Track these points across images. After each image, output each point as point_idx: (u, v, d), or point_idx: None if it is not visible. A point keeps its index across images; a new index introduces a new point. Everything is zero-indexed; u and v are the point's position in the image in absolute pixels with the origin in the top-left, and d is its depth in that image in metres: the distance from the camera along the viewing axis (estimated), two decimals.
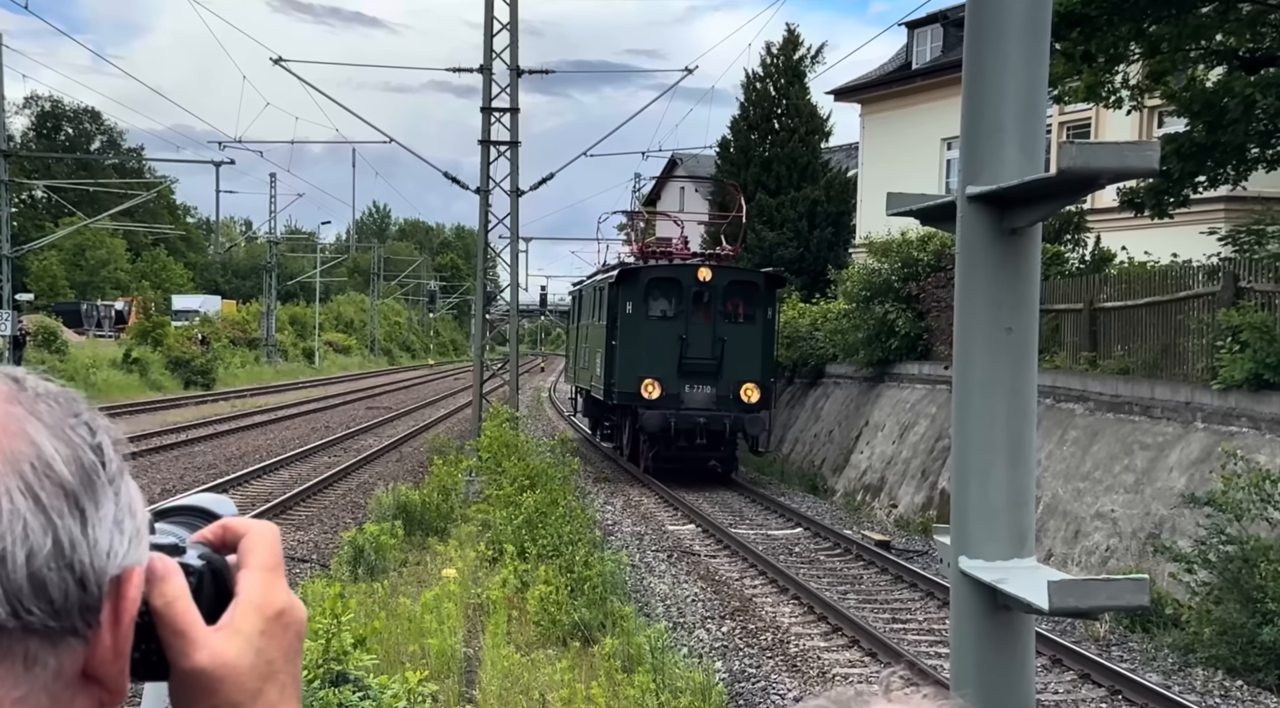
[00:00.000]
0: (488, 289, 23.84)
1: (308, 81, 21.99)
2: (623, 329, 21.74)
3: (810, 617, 11.71)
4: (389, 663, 7.70)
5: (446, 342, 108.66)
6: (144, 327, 44.89)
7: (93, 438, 0.76)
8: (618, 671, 8.16)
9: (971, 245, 2.08)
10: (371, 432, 29.66)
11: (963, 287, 2.11)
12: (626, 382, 21.48)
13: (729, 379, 21.24)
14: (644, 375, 21.17)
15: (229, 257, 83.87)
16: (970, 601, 1.96)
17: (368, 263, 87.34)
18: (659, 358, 21.18)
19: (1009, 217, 2.01)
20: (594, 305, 25.05)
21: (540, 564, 10.78)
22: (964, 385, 2.10)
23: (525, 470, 14.85)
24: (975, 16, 1.95)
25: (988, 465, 2.06)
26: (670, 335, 21.37)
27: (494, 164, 21.52)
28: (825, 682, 9.64)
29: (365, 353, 78.66)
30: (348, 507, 17.75)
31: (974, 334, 2.09)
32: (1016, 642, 1.95)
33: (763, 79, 37.03)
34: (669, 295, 22.01)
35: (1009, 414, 2.07)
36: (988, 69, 1.95)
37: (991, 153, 1.97)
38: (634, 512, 18.58)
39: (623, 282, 21.99)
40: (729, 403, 21.18)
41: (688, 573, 14.03)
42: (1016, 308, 2.06)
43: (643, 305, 21.80)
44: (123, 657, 0.76)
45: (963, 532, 2.05)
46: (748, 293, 22.09)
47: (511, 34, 21.27)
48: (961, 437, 2.11)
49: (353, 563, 11.47)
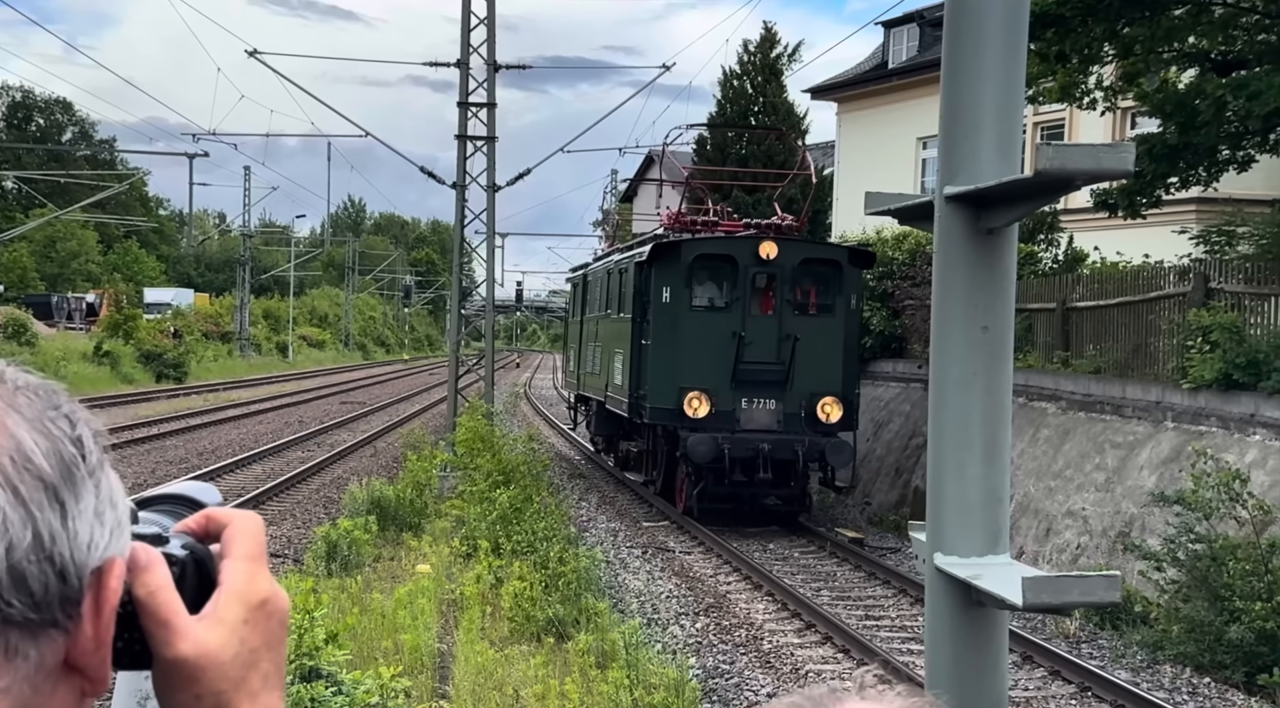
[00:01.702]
0: (463, 284, 23.77)
1: (283, 74, 21.86)
2: (657, 324, 16.56)
3: (784, 613, 11.75)
4: (362, 659, 7.67)
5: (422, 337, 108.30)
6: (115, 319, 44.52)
7: (72, 431, 0.77)
8: (592, 667, 8.17)
9: (949, 245, 2.10)
10: (345, 427, 29.53)
11: (940, 285, 2.13)
12: (663, 394, 16.34)
13: (801, 391, 16.09)
14: (688, 387, 15.95)
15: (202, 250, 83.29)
16: (945, 597, 1.98)
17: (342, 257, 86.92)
18: (707, 363, 16.02)
19: (986, 216, 2.03)
20: (610, 293, 19.71)
21: (514, 560, 10.77)
22: (940, 383, 2.12)
23: (500, 466, 14.83)
24: (954, 18, 1.96)
25: (963, 463, 2.08)
26: (722, 332, 16.14)
27: (471, 159, 21.46)
28: (798, 678, 9.68)
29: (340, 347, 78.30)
30: (321, 502, 17.67)
31: (950, 332, 2.11)
32: (990, 637, 1.97)
33: (740, 76, 37.11)
34: (720, 278, 16.75)
35: (984, 412, 2.09)
36: (965, 70, 1.97)
37: (969, 153, 1.99)
38: (610, 509, 18.59)
39: (658, 260, 16.65)
40: (800, 423, 16.05)
41: (662, 569, 14.05)
42: (992, 307, 2.08)
43: (685, 291, 16.51)
44: (104, 647, 0.77)
45: (938, 528, 2.07)
46: (825, 275, 16.76)
47: (489, 29, 21.21)
48: (937, 434, 2.12)
49: (326, 558, 11.43)
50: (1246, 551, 10.67)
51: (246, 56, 21.76)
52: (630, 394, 17.40)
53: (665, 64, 22.79)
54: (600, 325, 20.86)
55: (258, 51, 21.72)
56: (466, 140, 21.40)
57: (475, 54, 21.24)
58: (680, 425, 16.12)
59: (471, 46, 21.19)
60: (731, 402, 16.06)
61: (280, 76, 21.91)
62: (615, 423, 20.24)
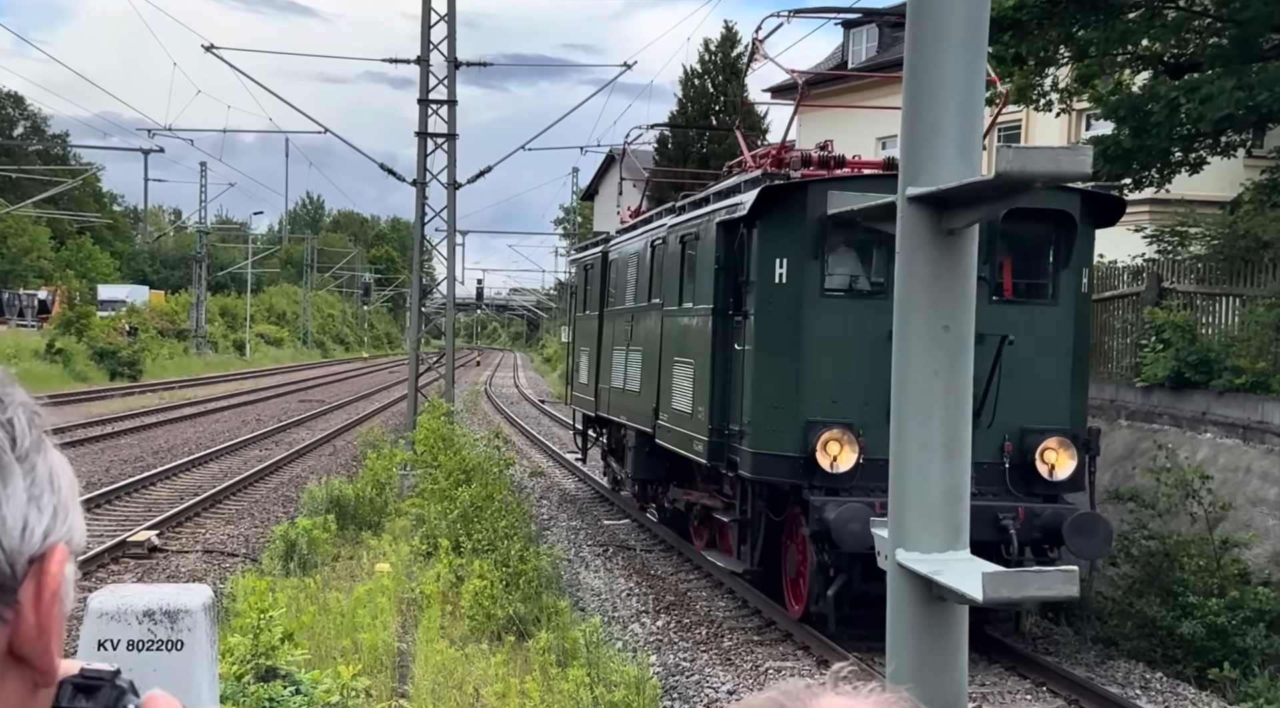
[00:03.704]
0: (424, 282, 23.65)
1: (240, 69, 21.65)
2: (766, 320, 10.61)
3: (744, 611, 11.80)
4: (321, 658, 7.63)
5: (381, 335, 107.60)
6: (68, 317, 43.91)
7: (2, 413, 0.75)
8: (552, 664, 8.17)
9: (911, 245, 2.12)
10: (304, 425, 29.29)
11: (902, 285, 2.15)
12: (775, 432, 10.44)
13: (1006, 426, 10.15)
14: (820, 421, 10.14)
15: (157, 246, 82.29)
16: (907, 591, 2.01)
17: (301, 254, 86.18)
18: (851, 383, 10.18)
19: (947, 217, 2.05)
20: (664, 274, 13.41)
21: (475, 559, 10.74)
22: (902, 382, 2.15)
23: (461, 464, 14.78)
24: (915, 22, 1.99)
25: (924, 460, 2.11)
26: (873, 333, 9.67)
27: (431, 156, 21.35)
28: (759, 675, 9.72)
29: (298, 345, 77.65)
30: (279, 501, 17.53)
31: (913, 332, 2.14)
32: (950, 631, 2.00)
33: (700, 76, 37.22)
34: (871, 245, 10.56)
35: (945, 410, 2.12)
36: (927, 74, 1.99)
37: (930, 155, 2.02)
38: (571, 507, 18.58)
39: (766, 214, 10.56)
40: (1007, 478, 10.21)
41: (623, 568, 14.06)
42: (953, 306, 2.11)
43: (814, 267, 10.43)
44: (47, 635, 0.75)
45: (900, 525, 2.10)
46: (1042, 239, 10.80)
47: (449, 26, 21.11)
48: (900, 432, 2.15)
49: (284, 557, 11.34)
50: (1199, 547, 10.84)
51: (203, 51, 21.52)
52: (711, 429, 11.13)
53: (626, 63, 22.80)
54: (640, 322, 14.45)
55: (215, 46, 21.49)
56: (427, 137, 21.29)
57: (435, 51, 21.14)
58: (807, 483, 10.02)
59: (432, 43, 21.08)
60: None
61: (237, 72, 21.71)
62: (670, 466, 13.82)
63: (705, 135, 36.31)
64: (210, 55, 21.47)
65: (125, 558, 13.07)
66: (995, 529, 9.59)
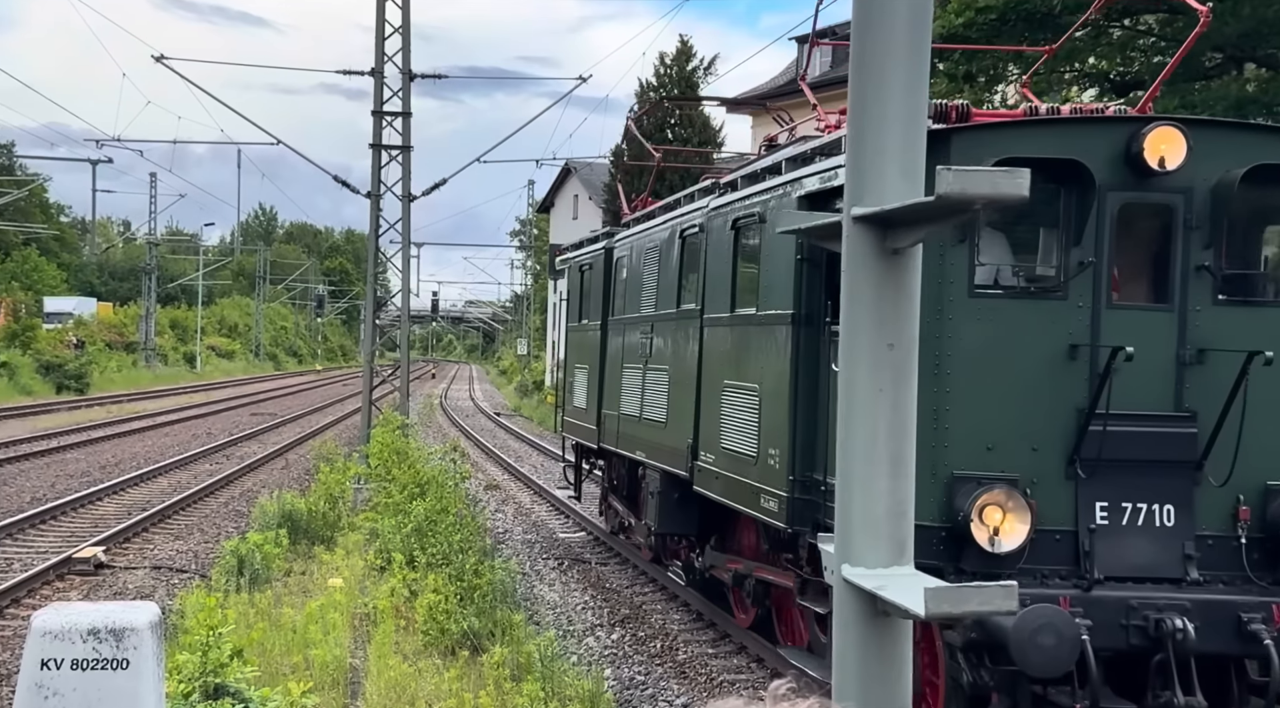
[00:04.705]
0: (378, 294, 23.52)
1: (191, 80, 21.47)
2: None
3: (699, 624, 11.82)
4: (271, 675, 7.55)
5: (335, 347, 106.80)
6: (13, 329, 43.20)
7: None
8: (506, 679, 8.14)
9: (856, 263, 2.16)
10: (256, 438, 29.00)
11: (848, 303, 2.19)
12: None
13: (1245, 483, 7.04)
14: (971, 475, 6.90)
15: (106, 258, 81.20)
16: (852, 606, 2.04)
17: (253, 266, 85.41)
18: (1014, 420, 7.06)
19: (891, 237, 2.09)
20: (702, 268, 10.38)
21: (429, 573, 10.68)
22: (848, 399, 2.18)
23: (415, 478, 14.70)
24: (859, 50, 2.04)
25: (870, 476, 2.14)
26: (1044, 345, 7.07)
27: (385, 168, 21.27)
28: (713, 687, 9.75)
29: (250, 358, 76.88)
30: (230, 515, 17.33)
31: (858, 349, 2.17)
32: (894, 646, 2.03)
33: (656, 89, 37.37)
34: (1041, 221, 7.45)
35: (890, 427, 2.15)
36: (870, 99, 2.04)
37: (875, 177, 2.06)
38: (526, 521, 18.52)
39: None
40: (1249, 558, 7.03)
41: (579, 581, 14.04)
42: (898, 324, 2.15)
43: (958, 253, 7.05)
44: None
45: (846, 540, 2.13)
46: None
47: (404, 37, 21.07)
48: (846, 449, 2.18)
49: (235, 573, 11.21)
50: None
51: (153, 62, 21.32)
52: (792, 482, 8.08)
53: (582, 75, 22.85)
54: (665, 334, 11.49)
55: (165, 57, 21.29)
56: (381, 149, 21.21)
57: (390, 62, 21.08)
58: (952, 567, 6.92)
59: (386, 55, 21.02)
60: (1071, 508, 6.98)
61: (188, 82, 21.52)
62: (706, 516, 10.92)
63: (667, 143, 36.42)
64: (160, 66, 21.27)
65: (70, 575, 12.87)
66: (1236, 636, 6.58)
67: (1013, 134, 7.36)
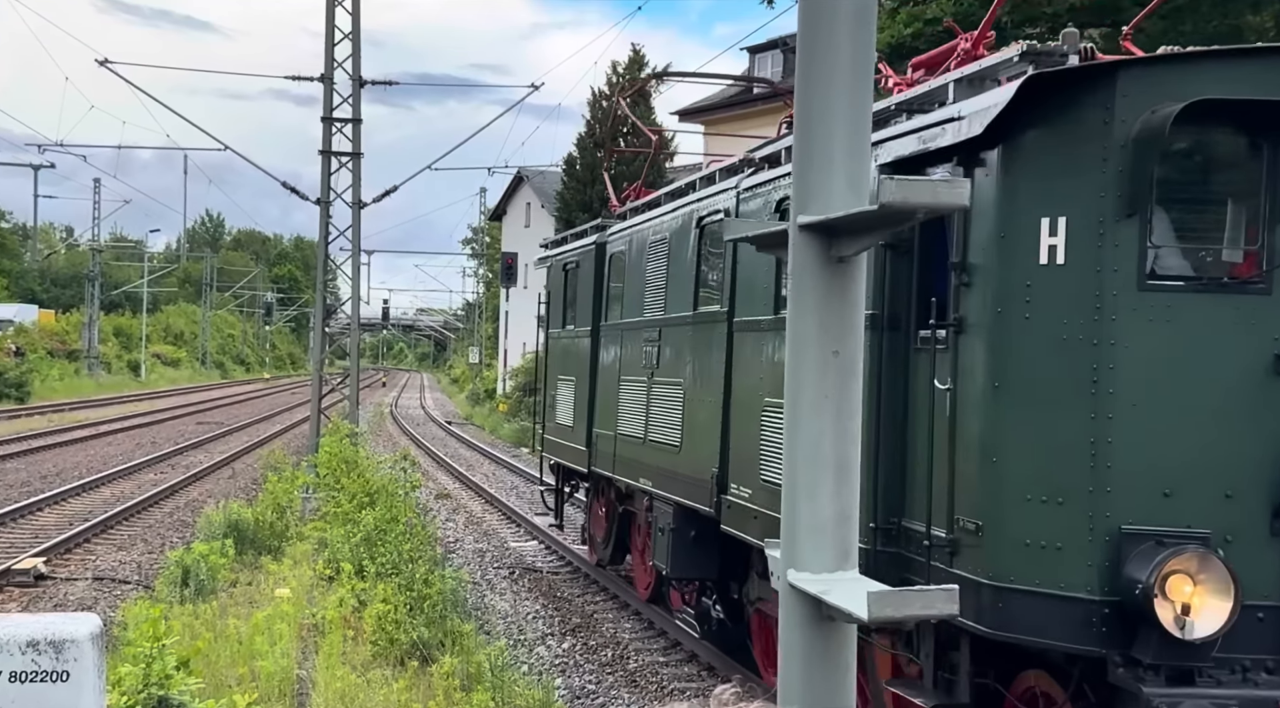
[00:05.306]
0: (327, 302, 23.32)
1: (136, 85, 21.20)
2: (1006, 338, 5.53)
3: (650, 632, 11.82)
4: (217, 687, 7.45)
5: (284, 355, 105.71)
6: None
7: None
8: (456, 689, 8.09)
9: (802, 271, 2.18)
10: (202, 448, 28.62)
11: (793, 311, 2.20)
12: (1047, 555, 5.32)
13: None
14: (1145, 531, 5.15)
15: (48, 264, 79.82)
16: (798, 612, 2.06)
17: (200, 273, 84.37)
18: (1201, 456, 5.25)
19: (836, 245, 2.12)
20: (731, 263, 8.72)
21: (379, 582, 10.60)
22: (794, 406, 2.20)
23: (365, 487, 14.58)
24: (805, 63, 2.06)
25: (815, 482, 2.16)
26: (1241, 359, 5.26)
27: (335, 175, 21.12)
28: (664, 696, 9.75)
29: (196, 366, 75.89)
30: (175, 526, 17.09)
31: (804, 356, 2.19)
32: (839, 651, 2.05)
33: (608, 97, 37.42)
34: (1228, 189, 5.53)
35: (835, 433, 2.17)
36: (817, 111, 2.06)
37: (821, 185, 2.08)
38: (477, 529, 18.43)
39: (1025, 125, 5.39)
40: None
41: (530, 590, 14.00)
42: (843, 332, 2.17)
43: (1126, 232, 5.24)
44: None
45: (792, 546, 2.14)
46: None
47: (354, 43, 20.94)
48: (791, 455, 2.20)
49: (179, 584, 11.06)
50: None
51: (97, 66, 21.02)
52: (873, 530, 6.26)
53: (534, 83, 22.90)
54: (678, 342, 9.95)
55: (109, 61, 20.99)
56: (331, 156, 21.05)
57: (340, 69, 20.94)
58: (1120, 657, 5.15)
59: (336, 61, 20.88)
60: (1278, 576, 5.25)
61: (133, 87, 21.26)
62: (728, 559, 9.45)
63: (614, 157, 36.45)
64: (104, 70, 20.98)
65: (10, 586, 12.63)
66: None
67: (1201, 69, 5.38)
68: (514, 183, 54.29)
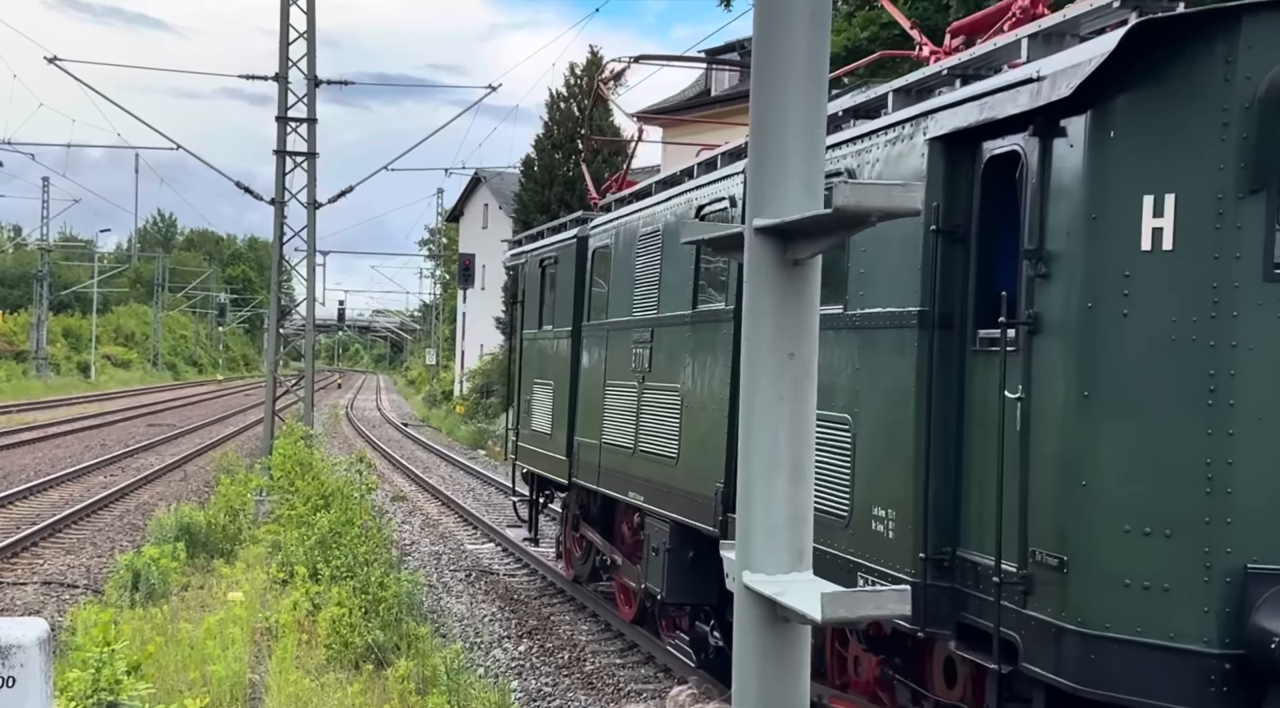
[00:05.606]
0: (282, 303, 23.10)
1: (86, 82, 20.91)
2: (1092, 337, 4.74)
3: (607, 634, 11.81)
4: (167, 692, 7.36)
5: (237, 356, 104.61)
6: None
7: None
8: (412, 693, 8.04)
9: (758, 274, 2.19)
10: (153, 450, 28.25)
11: (749, 313, 2.22)
12: (1152, 597, 4.55)
13: None
14: (1275, 572, 4.43)
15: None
16: (753, 613, 2.07)
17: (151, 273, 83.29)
18: None
19: (792, 248, 2.13)
20: None
21: (333, 585, 10.51)
22: (750, 407, 2.21)
23: (320, 489, 14.46)
24: (760, 67, 2.08)
25: (771, 483, 2.17)
26: None
27: (290, 175, 20.93)
28: (621, 698, 9.75)
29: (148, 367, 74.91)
30: (125, 529, 16.85)
31: (759, 358, 2.20)
32: (794, 652, 2.07)
33: (566, 99, 37.40)
34: None
35: (791, 434, 2.18)
36: (772, 116, 2.08)
37: (776, 189, 2.10)
38: (432, 531, 18.33)
39: (1127, 82, 4.61)
40: None
41: (486, 593, 13.94)
42: (798, 334, 2.18)
43: (1250, 212, 4.53)
44: None
45: (747, 547, 2.15)
46: None
47: (309, 43, 20.77)
48: (747, 457, 2.21)
49: (130, 588, 10.91)
50: None
51: (46, 63, 20.69)
52: (924, 561, 5.49)
53: (491, 84, 22.79)
54: (675, 343, 9.19)
55: (58, 58, 20.68)
56: (286, 155, 20.86)
57: (295, 68, 20.76)
58: None
59: (291, 60, 20.70)
60: None
61: (83, 84, 20.96)
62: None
63: (571, 158, 36.44)
64: (54, 67, 20.66)
65: None
66: None
67: None
68: (471, 184, 54.08)
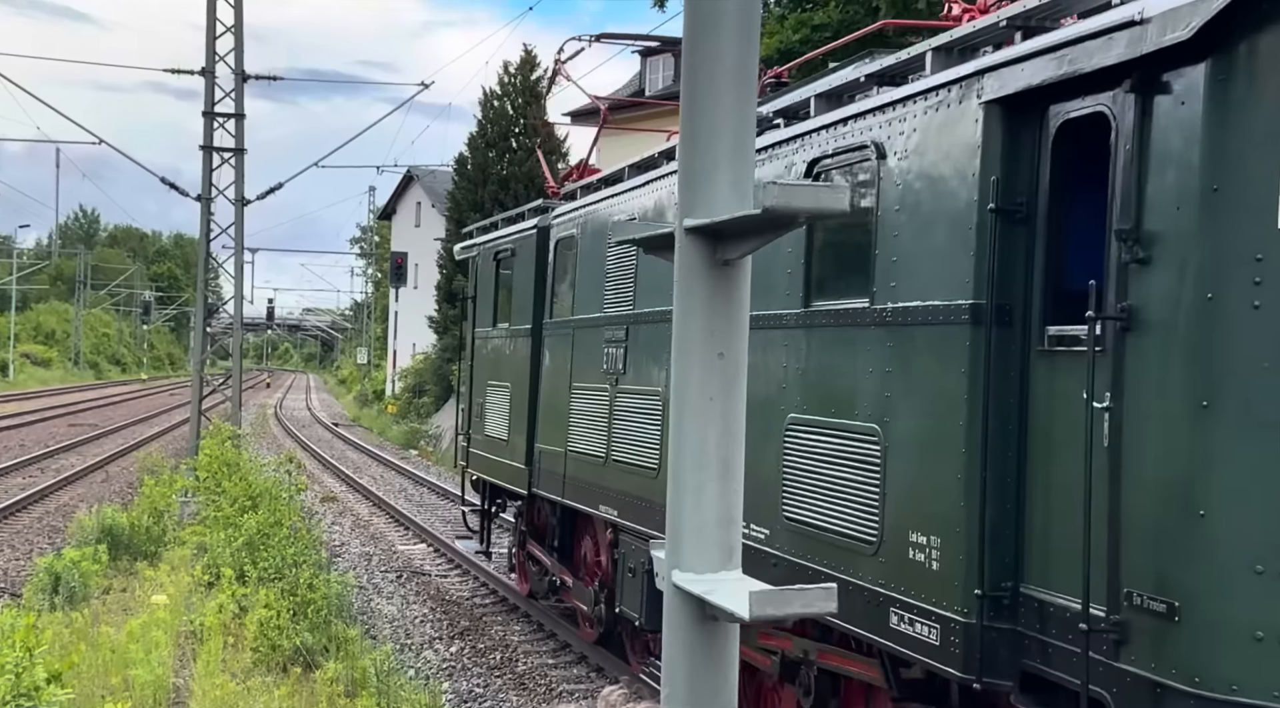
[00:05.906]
0: (209, 301, 22.70)
1: (4, 75, 20.39)
2: (1219, 331, 3.88)
3: (539, 634, 11.79)
4: (88, 698, 7.20)
5: (163, 355, 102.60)
6: None
7: None
8: (340, 696, 7.96)
9: (688, 274, 2.20)
10: (74, 450, 27.61)
11: (680, 313, 2.22)
12: None
13: None
14: None
15: None
16: (682, 612, 2.08)
17: (73, 270, 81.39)
18: None
19: (722, 249, 2.14)
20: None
21: (261, 588, 10.35)
22: (679, 407, 2.22)
23: (247, 490, 14.23)
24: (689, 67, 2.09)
25: (700, 483, 2.18)
26: None
27: (217, 171, 20.58)
28: (553, 698, 9.73)
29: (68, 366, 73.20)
30: (44, 531, 16.46)
31: (689, 358, 2.21)
32: (723, 651, 2.08)
33: (500, 98, 37.20)
34: None
35: (720, 435, 2.20)
36: (701, 116, 2.09)
37: (706, 189, 2.11)
38: (364, 532, 18.15)
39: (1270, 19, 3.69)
40: None
41: (417, 594, 13.83)
42: (728, 334, 2.20)
43: None
44: None
45: (677, 546, 2.16)
46: None
47: (236, 37, 20.44)
48: (677, 456, 2.22)
49: (50, 591, 10.66)
50: None
51: None
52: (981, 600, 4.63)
53: (424, 82, 22.63)
54: (652, 343, 8.41)
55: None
56: (213, 151, 20.51)
57: (222, 62, 20.42)
58: None
59: (218, 55, 20.36)
60: None
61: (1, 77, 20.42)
62: None
63: (505, 156, 36.28)
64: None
65: None
66: None
67: None
68: (404, 182, 53.61)
